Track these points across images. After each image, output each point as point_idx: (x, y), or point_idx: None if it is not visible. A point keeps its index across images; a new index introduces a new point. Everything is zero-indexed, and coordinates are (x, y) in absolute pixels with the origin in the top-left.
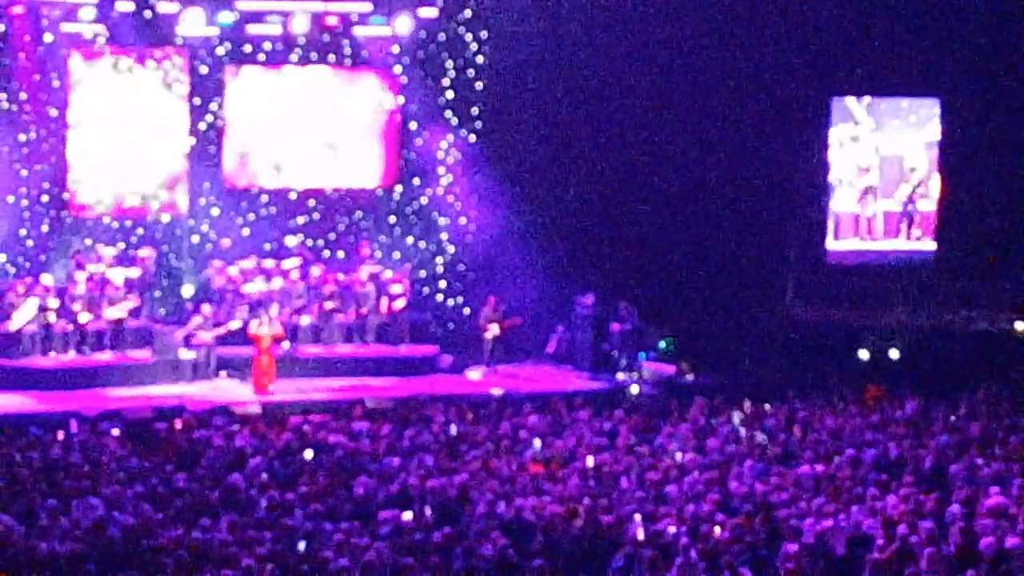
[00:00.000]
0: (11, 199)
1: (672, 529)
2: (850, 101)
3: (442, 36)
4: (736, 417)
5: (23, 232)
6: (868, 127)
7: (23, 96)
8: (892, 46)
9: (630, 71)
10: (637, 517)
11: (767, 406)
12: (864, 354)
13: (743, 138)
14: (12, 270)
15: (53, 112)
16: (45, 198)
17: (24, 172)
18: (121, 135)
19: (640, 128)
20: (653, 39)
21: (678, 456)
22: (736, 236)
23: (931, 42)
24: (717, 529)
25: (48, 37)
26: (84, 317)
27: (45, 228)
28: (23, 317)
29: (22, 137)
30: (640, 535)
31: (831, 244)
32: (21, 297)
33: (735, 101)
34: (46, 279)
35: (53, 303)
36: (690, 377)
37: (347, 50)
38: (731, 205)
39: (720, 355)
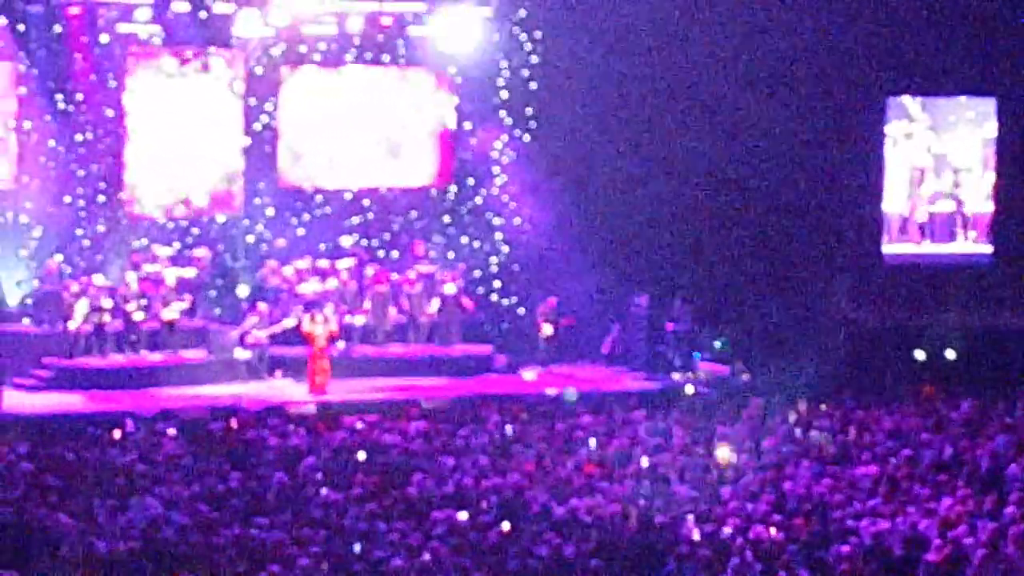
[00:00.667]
0: (67, 199)
1: (727, 530)
2: (906, 99)
3: (496, 35)
4: (792, 418)
5: (79, 232)
6: (923, 125)
7: (79, 97)
8: (947, 46)
9: (685, 70)
10: (691, 518)
11: (823, 407)
12: (920, 355)
13: (799, 138)
14: (68, 270)
15: (109, 112)
16: (101, 198)
17: (80, 172)
18: (177, 135)
19: (695, 128)
20: (709, 38)
21: (733, 457)
22: (791, 236)
23: (986, 42)
24: (772, 530)
25: (104, 38)
26: (138, 316)
27: (101, 228)
28: (78, 317)
29: (78, 137)
30: (695, 536)
31: (887, 244)
32: (75, 297)
33: (791, 101)
34: (98, 279)
35: (106, 303)
36: (745, 377)
37: (401, 50)
38: (786, 205)
39: (775, 355)
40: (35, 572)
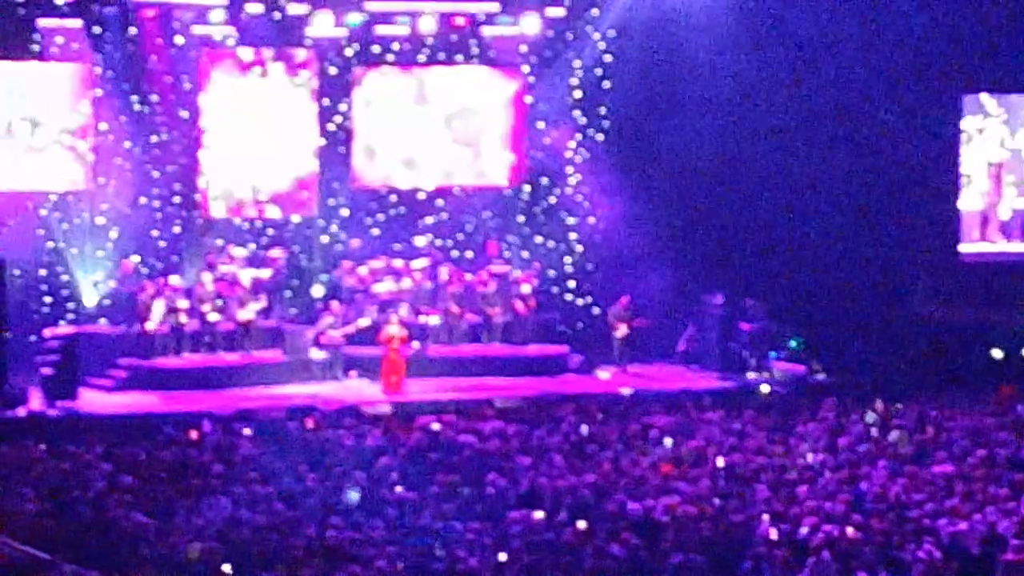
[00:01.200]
0: (143, 200)
1: (804, 529)
2: (982, 96)
3: (569, 35)
4: (870, 417)
5: (155, 233)
6: (999, 119)
7: (154, 98)
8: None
9: (758, 68)
10: (767, 517)
11: (899, 405)
12: (997, 353)
13: (874, 135)
14: (144, 271)
15: (184, 114)
16: (177, 199)
17: (156, 174)
18: (251, 136)
19: (769, 125)
20: (783, 36)
21: (809, 456)
22: (867, 233)
23: None
24: (850, 530)
25: (179, 39)
26: (213, 317)
27: (177, 229)
28: (155, 318)
29: (154, 139)
30: (772, 535)
31: (963, 242)
32: (151, 298)
33: (866, 98)
34: (174, 280)
35: (182, 304)
36: (821, 376)
37: (475, 50)
38: (862, 202)
39: (852, 354)
40: (114, 572)
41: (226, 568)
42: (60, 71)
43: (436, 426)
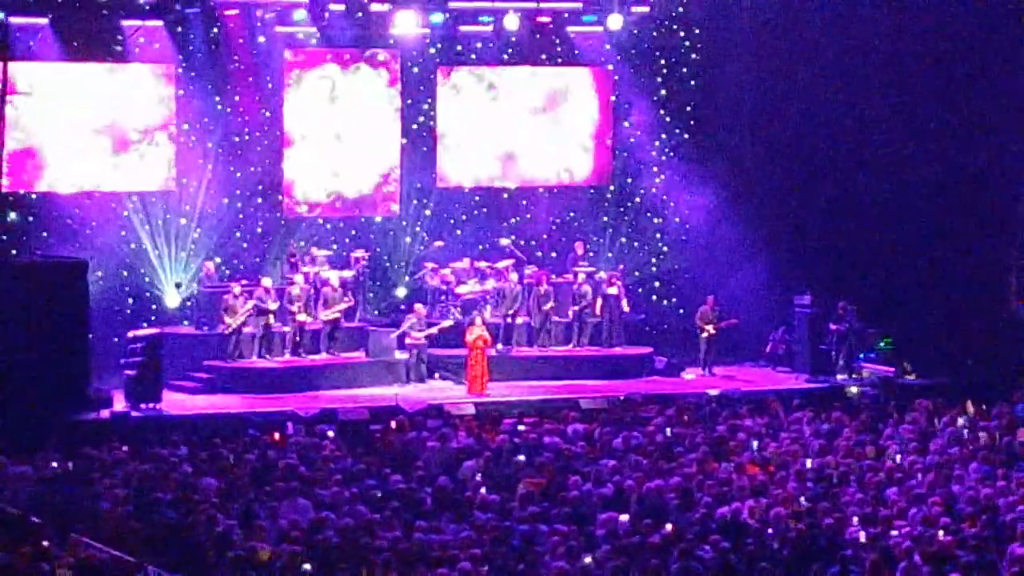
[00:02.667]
0: (225, 200)
1: (894, 533)
2: None
3: (654, 33)
4: (961, 419)
5: (237, 234)
6: None
7: (236, 98)
8: None
9: (845, 66)
10: (856, 520)
11: (991, 407)
12: None
13: (965, 132)
14: (227, 272)
15: (266, 113)
16: (259, 200)
17: (238, 174)
18: (334, 136)
19: (858, 124)
20: (870, 34)
21: (899, 458)
22: (959, 233)
23: None
24: (941, 533)
25: (261, 39)
26: (303, 318)
27: (260, 230)
28: (240, 319)
29: (236, 139)
30: (861, 538)
31: None
32: (238, 299)
33: (957, 94)
34: (266, 281)
35: (272, 305)
36: (911, 378)
37: (559, 48)
38: (953, 201)
39: (942, 355)
40: (198, 574)
41: (306, 567)
42: (143, 71)
43: (521, 427)
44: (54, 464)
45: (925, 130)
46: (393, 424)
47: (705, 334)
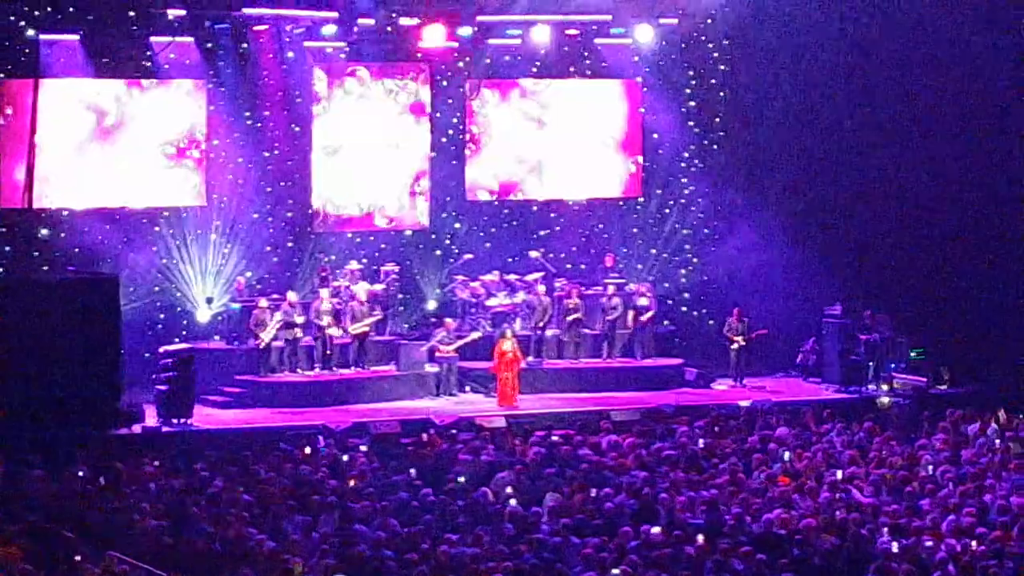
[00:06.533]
0: (256, 215)
1: (927, 543)
2: None
3: (683, 45)
4: (992, 428)
5: (268, 249)
6: None
7: (267, 113)
8: None
9: (874, 77)
10: (888, 530)
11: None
12: None
13: (1000, 139)
14: (258, 287)
15: (296, 128)
16: (289, 214)
17: (268, 189)
18: (364, 150)
19: (887, 134)
20: (899, 45)
21: (931, 468)
22: (990, 243)
23: None
24: (974, 543)
25: (291, 54)
26: (333, 332)
27: (290, 244)
28: (269, 333)
29: (266, 154)
30: (894, 549)
31: None
32: (266, 313)
33: (985, 106)
34: (292, 295)
35: (299, 319)
36: (943, 387)
37: (588, 61)
38: (983, 212)
39: (973, 364)
40: None
41: None
42: (173, 87)
43: (554, 438)
44: (86, 479)
45: (957, 139)
46: (424, 437)
47: (735, 345)
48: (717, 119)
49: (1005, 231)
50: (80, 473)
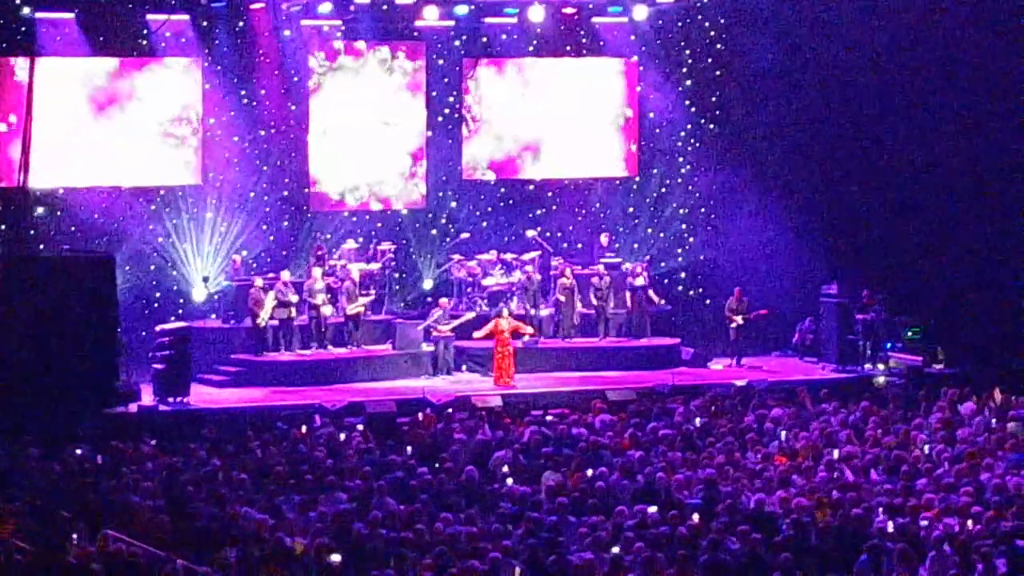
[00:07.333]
0: (252, 195)
1: (923, 523)
2: None
3: (679, 24)
4: (988, 408)
5: (264, 227)
6: None
7: (262, 92)
8: None
9: (875, 56)
10: (883, 510)
11: (1019, 396)
12: None
13: (996, 121)
14: (254, 266)
15: (292, 107)
16: (285, 193)
17: (264, 168)
18: (360, 129)
19: (884, 113)
20: (896, 22)
21: (927, 448)
22: (986, 223)
23: None
24: (970, 522)
25: (287, 33)
26: (326, 311)
27: (286, 224)
28: (264, 312)
29: (262, 133)
30: (889, 528)
31: None
32: (261, 292)
33: (989, 84)
34: (285, 275)
35: (293, 298)
36: (939, 366)
37: (584, 40)
38: (981, 189)
39: (969, 344)
40: (226, 567)
41: (335, 557)
42: (169, 66)
43: (550, 419)
44: (83, 458)
45: (953, 119)
46: (420, 416)
47: (734, 324)
48: (714, 98)
49: (1003, 211)
50: (79, 451)
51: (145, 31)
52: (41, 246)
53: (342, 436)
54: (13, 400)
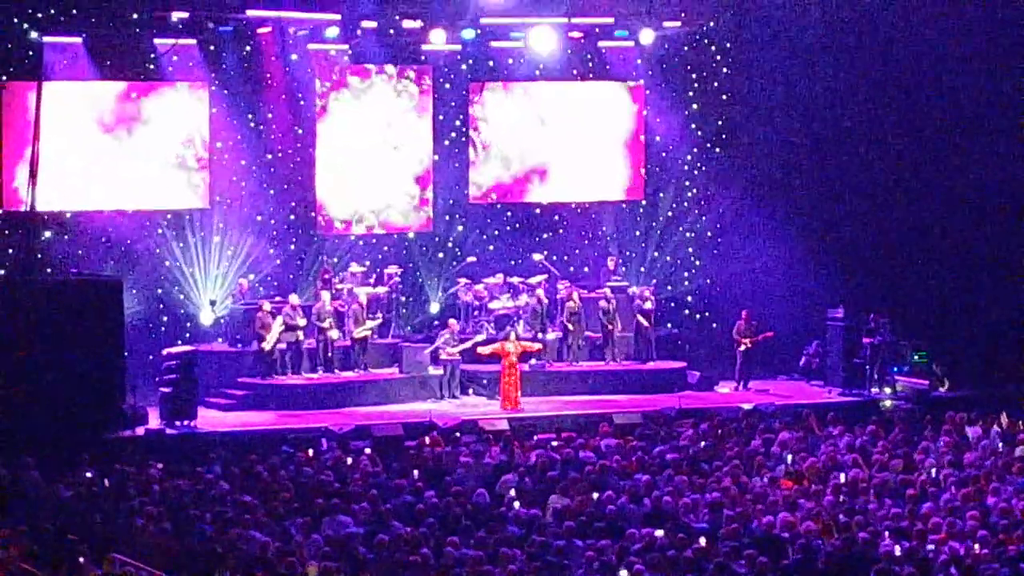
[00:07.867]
0: (259, 218)
1: (929, 546)
2: None
3: (685, 48)
4: (994, 431)
5: (271, 251)
6: None
7: (270, 116)
8: None
9: (879, 80)
10: (890, 533)
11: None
12: None
13: (1001, 144)
14: (261, 289)
15: (299, 131)
16: (292, 217)
17: (271, 191)
18: (367, 153)
19: (889, 137)
20: (901, 48)
21: (934, 471)
22: (992, 246)
23: None
24: (976, 546)
25: (294, 56)
26: (333, 335)
27: (293, 247)
28: (271, 336)
29: (269, 157)
30: (896, 552)
31: None
32: (269, 316)
33: (993, 103)
34: (293, 298)
35: (301, 322)
36: (944, 390)
37: (590, 63)
38: (986, 213)
39: (976, 367)
40: None
41: None
42: (176, 90)
43: (555, 443)
44: (90, 481)
45: (962, 142)
46: (427, 440)
47: (742, 347)
48: (719, 121)
49: (1012, 237)
50: (88, 475)
51: (153, 55)
52: (49, 269)
53: (349, 460)
54: (20, 423)
